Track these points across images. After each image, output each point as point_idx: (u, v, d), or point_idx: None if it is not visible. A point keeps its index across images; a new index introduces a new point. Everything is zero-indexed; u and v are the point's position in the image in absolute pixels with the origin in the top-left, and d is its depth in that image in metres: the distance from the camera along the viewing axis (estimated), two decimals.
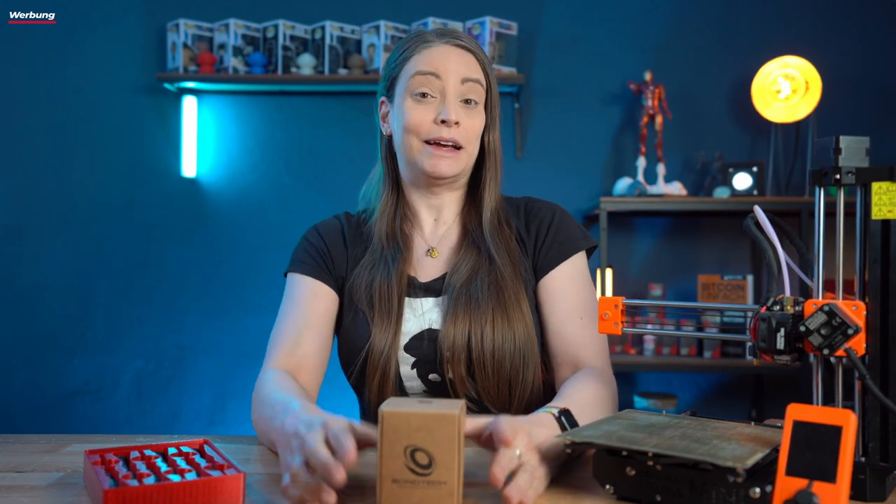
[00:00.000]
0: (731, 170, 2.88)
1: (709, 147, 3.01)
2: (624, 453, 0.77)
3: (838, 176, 0.79)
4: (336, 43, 2.97)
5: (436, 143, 1.17)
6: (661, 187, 2.85)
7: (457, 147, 1.17)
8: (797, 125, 2.98)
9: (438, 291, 1.19)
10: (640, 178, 2.91)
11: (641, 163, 2.93)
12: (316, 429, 0.76)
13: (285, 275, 1.28)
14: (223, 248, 3.10)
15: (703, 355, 2.83)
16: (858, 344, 0.75)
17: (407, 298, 1.18)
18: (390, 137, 1.26)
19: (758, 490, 0.71)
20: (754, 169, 2.87)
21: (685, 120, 3.04)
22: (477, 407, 1.16)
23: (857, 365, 0.74)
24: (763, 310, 0.79)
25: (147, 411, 3.09)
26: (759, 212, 0.86)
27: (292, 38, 2.99)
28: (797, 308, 0.79)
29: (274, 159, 3.10)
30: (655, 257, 3.06)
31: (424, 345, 1.16)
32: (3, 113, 3.12)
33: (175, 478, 0.76)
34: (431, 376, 1.16)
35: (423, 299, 1.19)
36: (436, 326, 1.16)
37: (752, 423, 0.88)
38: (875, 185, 0.78)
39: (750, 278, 2.84)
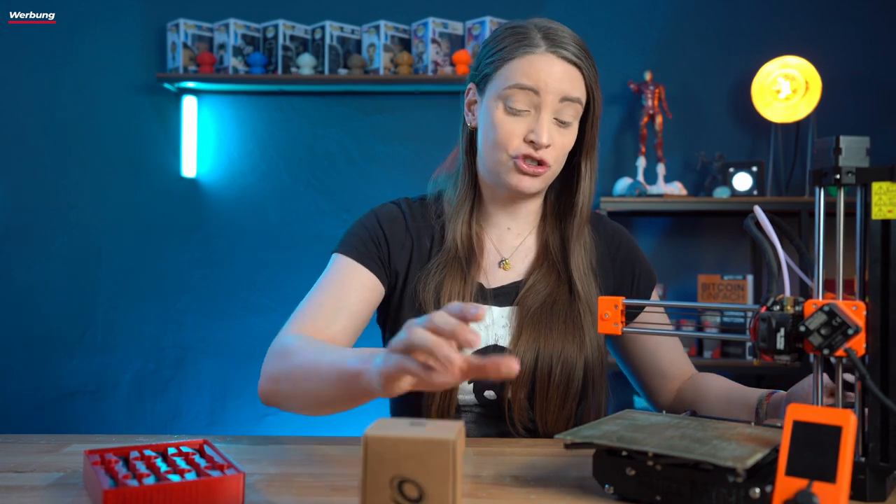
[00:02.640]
0: (731, 170, 2.88)
1: (709, 147, 3.01)
2: (624, 453, 0.77)
3: (838, 176, 0.79)
4: (336, 43, 2.97)
5: (522, 158, 1.11)
6: (661, 187, 2.85)
7: (542, 164, 1.12)
8: (797, 125, 2.97)
9: (508, 300, 1.16)
10: (640, 178, 2.91)
11: (641, 163, 2.93)
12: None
13: (332, 253, 1.20)
14: (223, 248, 3.10)
15: (703, 355, 2.83)
16: (858, 344, 0.75)
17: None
18: (474, 130, 1.18)
19: (758, 490, 0.71)
20: (754, 169, 2.87)
21: (685, 120, 3.04)
22: (528, 434, 1.14)
23: (857, 365, 0.74)
24: (763, 310, 0.79)
25: (147, 411, 3.09)
26: (759, 212, 0.86)
27: (292, 38, 2.99)
28: (797, 308, 0.79)
29: (274, 159, 3.10)
30: (655, 257, 3.06)
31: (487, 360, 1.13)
32: (3, 113, 3.12)
33: (175, 478, 0.76)
34: (487, 393, 1.13)
35: (492, 308, 1.15)
36: (502, 343, 1.14)
37: (752, 424, 0.88)
38: (875, 185, 0.78)
39: (750, 278, 2.84)
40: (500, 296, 1.17)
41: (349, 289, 1.14)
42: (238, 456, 0.97)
